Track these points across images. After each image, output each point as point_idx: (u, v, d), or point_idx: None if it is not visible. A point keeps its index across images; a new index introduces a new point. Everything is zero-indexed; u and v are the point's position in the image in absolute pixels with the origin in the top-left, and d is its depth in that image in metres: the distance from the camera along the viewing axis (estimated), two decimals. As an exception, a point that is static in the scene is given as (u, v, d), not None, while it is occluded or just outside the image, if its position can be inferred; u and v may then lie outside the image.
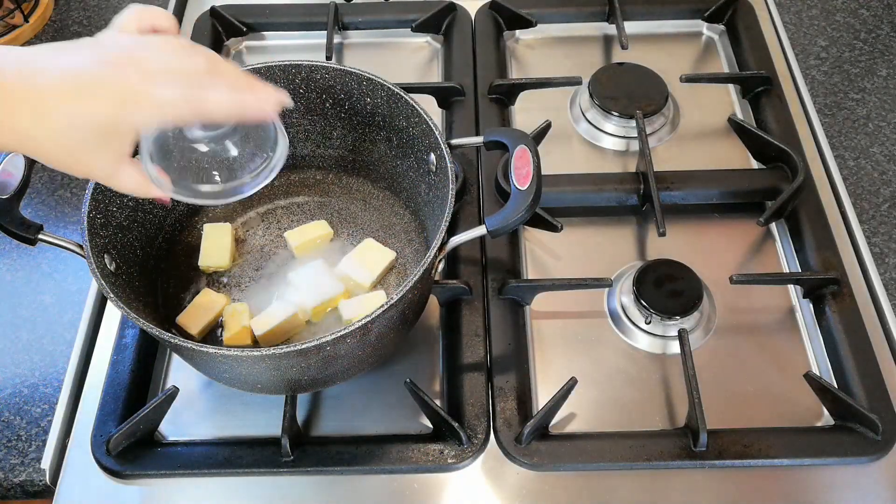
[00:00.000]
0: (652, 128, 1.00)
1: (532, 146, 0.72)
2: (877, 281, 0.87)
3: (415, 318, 0.78)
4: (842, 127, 1.02)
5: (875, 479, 0.74)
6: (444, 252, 0.70)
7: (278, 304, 0.79)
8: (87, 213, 0.71)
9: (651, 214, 0.90)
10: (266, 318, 0.78)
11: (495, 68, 1.05)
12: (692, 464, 0.75)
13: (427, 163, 0.79)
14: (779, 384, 0.81)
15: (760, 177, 0.94)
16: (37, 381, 0.83)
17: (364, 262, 0.83)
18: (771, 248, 0.91)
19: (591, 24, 1.14)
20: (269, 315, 0.78)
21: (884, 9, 1.16)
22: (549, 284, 0.86)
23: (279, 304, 0.79)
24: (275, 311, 0.78)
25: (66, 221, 0.95)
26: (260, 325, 0.78)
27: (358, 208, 0.90)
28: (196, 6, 1.16)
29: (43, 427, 0.80)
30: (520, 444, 0.75)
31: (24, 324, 0.87)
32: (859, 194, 0.95)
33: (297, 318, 0.79)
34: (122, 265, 0.75)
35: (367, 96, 0.82)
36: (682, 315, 0.82)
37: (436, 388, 0.81)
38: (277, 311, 0.78)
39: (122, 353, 0.82)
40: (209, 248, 0.85)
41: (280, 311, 0.78)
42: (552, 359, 0.83)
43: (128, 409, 0.78)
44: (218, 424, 0.79)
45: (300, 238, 0.85)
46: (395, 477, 0.75)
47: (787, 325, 0.85)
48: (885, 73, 1.08)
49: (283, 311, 0.78)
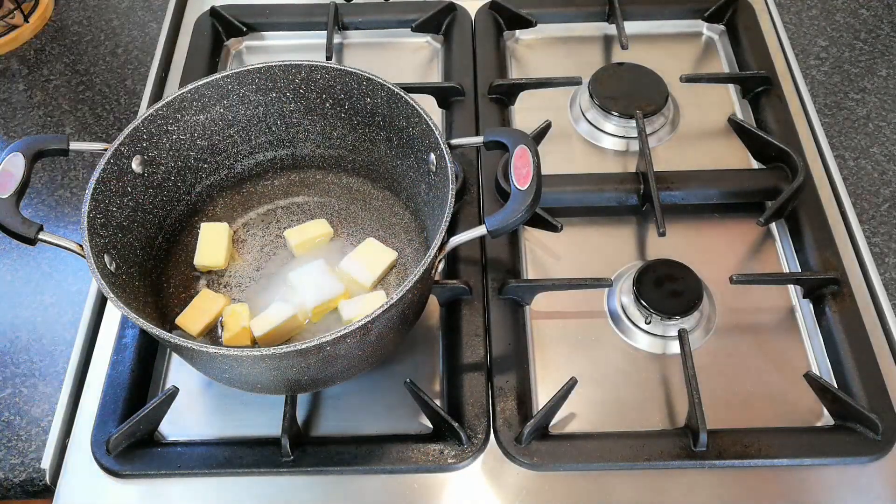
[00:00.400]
0: (652, 128, 1.00)
1: (532, 146, 0.72)
2: (877, 281, 0.87)
3: (415, 318, 0.78)
4: (842, 127, 1.02)
5: (875, 479, 0.74)
6: (444, 252, 0.70)
7: (278, 305, 0.79)
8: (87, 213, 0.71)
9: (651, 214, 0.90)
10: (265, 319, 0.78)
11: (495, 68, 1.05)
12: (692, 464, 0.75)
13: (427, 163, 0.79)
14: (779, 384, 0.81)
15: (760, 177, 0.94)
16: (37, 381, 0.83)
17: (365, 262, 0.83)
18: (771, 248, 0.91)
19: (591, 24, 1.14)
20: (269, 316, 0.78)
21: (884, 9, 1.16)
22: (549, 284, 0.86)
23: (278, 305, 0.79)
24: (274, 312, 0.78)
25: (66, 221, 0.95)
26: (259, 327, 0.78)
27: (358, 208, 0.90)
28: (196, 6, 1.16)
29: (43, 427, 0.80)
30: (520, 444, 0.75)
31: (24, 324, 0.87)
32: (859, 194, 0.95)
33: (297, 320, 0.79)
34: (122, 265, 0.75)
35: (367, 96, 0.82)
36: (682, 315, 0.82)
37: (436, 388, 0.81)
38: (277, 312, 0.78)
39: (122, 353, 0.82)
40: (205, 247, 0.85)
41: (279, 313, 0.78)
42: (552, 359, 0.83)
43: (128, 409, 0.78)
44: (218, 424, 0.79)
45: (300, 237, 0.85)
46: (395, 477, 0.75)
47: (787, 325, 0.85)
48: (885, 73, 1.08)
49: (282, 312, 0.78)
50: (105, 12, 1.18)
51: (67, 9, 1.18)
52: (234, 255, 0.87)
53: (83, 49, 1.13)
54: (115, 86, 1.08)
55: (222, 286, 0.84)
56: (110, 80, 1.09)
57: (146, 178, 0.81)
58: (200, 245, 0.85)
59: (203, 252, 0.84)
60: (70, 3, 1.19)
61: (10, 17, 1.13)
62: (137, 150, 0.79)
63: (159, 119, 0.80)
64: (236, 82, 0.83)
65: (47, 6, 1.17)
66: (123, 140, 0.77)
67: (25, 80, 1.09)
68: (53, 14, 1.17)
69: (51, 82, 1.09)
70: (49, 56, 1.12)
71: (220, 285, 0.84)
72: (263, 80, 0.83)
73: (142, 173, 0.80)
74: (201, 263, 0.84)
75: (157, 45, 1.11)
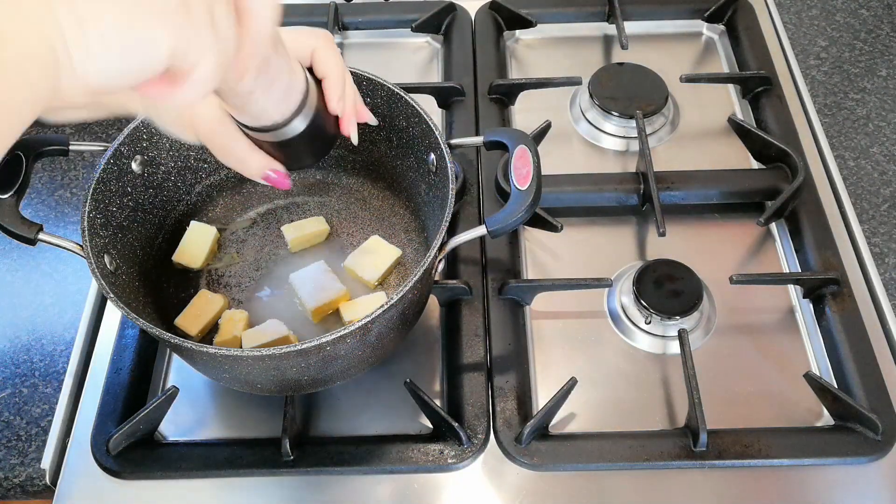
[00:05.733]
0: (652, 128, 1.00)
1: (532, 146, 0.72)
2: (877, 281, 0.87)
3: (415, 318, 0.78)
4: (842, 127, 1.02)
5: (875, 479, 0.74)
6: (444, 252, 0.70)
7: (273, 323, 0.78)
8: (87, 213, 0.71)
9: (651, 214, 0.90)
10: (257, 333, 0.77)
11: (495, 68, 1.05)
12: (692, 464, 0.75)
13: (427, 163, 0.79)
14: (779, 384, 0.81)
15: (760, 177, 0.94)
16: (37, 381, 0.83)
17: (370, 259, 0.83)
18: (771, 248, 0.91)
19: (591, 24, 1.14)
20: (261, 332, 0.77)
21: (884, 9, 1.16)
22: (549, 284, 0.86)
23: (274, 323, 0.78)
24: (267, 328, 0.77)
25: (66, 221, 0.95)
26: (250, 339, 0.77)
27: (358, 208, 0.90)
28: (196, 6, 1.16)
29: (43, 427, 0.80)
30: (520, 444, 0.75)
31: (24, 324, 0.87)
32: (859, 194, 0.95)
33: (289, 340, 0.78)
34: (122, 265, 0.75)
35: (367, 96, 0.82)
36: (682, 315, 0.82)
37: (436, 388, 0.81)
38: (270, 329, 0.77)
39: (122, 353, 0.82)
40: (187, 246, 0.84)
41: (272, 330, 0.77)
42: (552, 359, 0.83)
43: (128, 409, 0.78)
44: (218, 424, 0.79)
45: (296, 232, 0.85)
46: (395, 477, 0.75)
47: (787, 325, 0.85)
48: (885, 73, 1.08)
49: (274, 330, 0.77)
50: (105, 12, 1.18)
51: (67, 9, 1.18)
52: (235, 255, 0.87)
53: (83, 49, 1.13)
54: (115, 86, 1.08)
55: (222, 286, 0.84)
56: (110, 80, 1.09)
57: (146, 178, 0.81)
58: (184, 242, 0.84)
59: (184, 249, 0.84)
60: (70, 3, 1.19)
61: (10, 17, 1.13)
62: (137, 150, 0.79)
63: (159, 119, 0.80)
64: (236, 82, 0.83)
65: (47, 6, 1.16)
66: (123, 140, 0.77)
67: (25, 80, 1.09)
68: (53, 14, 1.17)
69: (51, 82, 1.09)
70: (49, 56, 1.12)
71: (219, 285, 0.84)
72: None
73: (142, 173, 0.80)
74: (178, 261, 0.84)
75: (157, 45, 1.11)
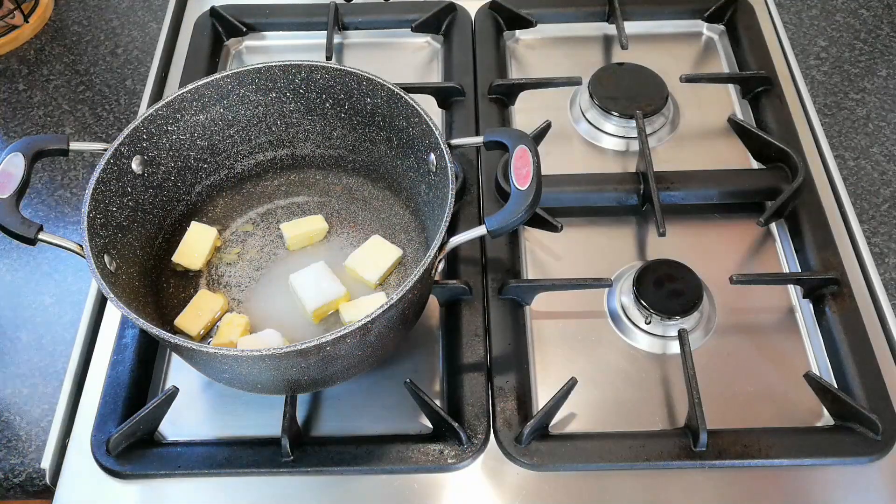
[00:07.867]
0: (652, 128, 1.00)
1: (532, 146, 0.72)
2: (877, 281, 0.87)
3: (415, 318, 0.78)
4: (842, 127, 1.02)
5: (875, 479, 0.74)
6: (444, 252, 0.70)
7: (270, 333, 0.78)
8: (87, 213, 0.71)
9: (651, 214, 0.90)
10: (254, 341, 0.77)
11: (495, 68, 1.05)
12: (692, 464, 0.75)
13: (427, 163, 0.79)
14: (779, 384, 0.81)
15: (760, 177, 0.94)
16: (37, 381, 0.83)
17: (371, 259, 0.83)
18: (771, 248, 0.91)
19: (591, 24, 1.14)
20: (258, 339, 0.77)
21: (884, 9, 1.16)
22: (549, 284, 0.86)
23: (271, 333, 0.78)
24: (265, 338, 0.77)
25: (66, 221, 0.95)
26: (245, 346, 0.76)
27: (358, 208, 0.90)
28: (196, 6, 1.16)
29: (43, 427, 0.80)
30: (520, 444, 0.75)
31: (24, 324, 0.87)
32: (859, 194, 0.95)
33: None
34: (122, 265, 0.75)
35: (367, 96, 0.82)
36: (682, 315, 0.82)
37: (436, 388, 0.81)
38: (267, 338, 0.77)
39: (122, 353, 0.82)
40: (187, 246, 0.84)
41: (269, 340, 0.77)
42: (552, 359, 0.83)
43: (128, 410, 0.78)
44: (218, 424, 0.79)
45: (295, 230, 0.86)
46: (395, 477, 0.75)
47: (787, 325, 0.85)
48: (885, 73, 1.08)
49: (271, 340, 0.77)
50: (105, 12, 1.18)
51: (67, 9, 1.18)
52: (234, 256, 0.87)
53: (83, 49, 1.13)
54: (115, 86, 1.08)
55: (222, 286, 0.84)
56: (110, 80, 1.09)
57: (146, 179, 0.81)
58: (183, 243, 0.84)
59: (183, 251, 0.84)
60: (70, 3, 1.19)
61: (10, 17, 1.13)
62: (137, 151, 0.79)
63: (159, 119, 0.80)
64: (236, 82, 0.83)
65: (47, 6, 1.17)
66: (123, 140, 0.77)
67: (25, 80, 1.09)
68: (53, 14, 1.17)
69: (51, 82, 1.09)
70: (49, 56, 1.12)
71: (219, 285, 0.84)
72: (263, 81, 0.84)
73: (142, 173, 0.80)
74: (178, 262, 0.84)
75: (157, 45, 1.11)
